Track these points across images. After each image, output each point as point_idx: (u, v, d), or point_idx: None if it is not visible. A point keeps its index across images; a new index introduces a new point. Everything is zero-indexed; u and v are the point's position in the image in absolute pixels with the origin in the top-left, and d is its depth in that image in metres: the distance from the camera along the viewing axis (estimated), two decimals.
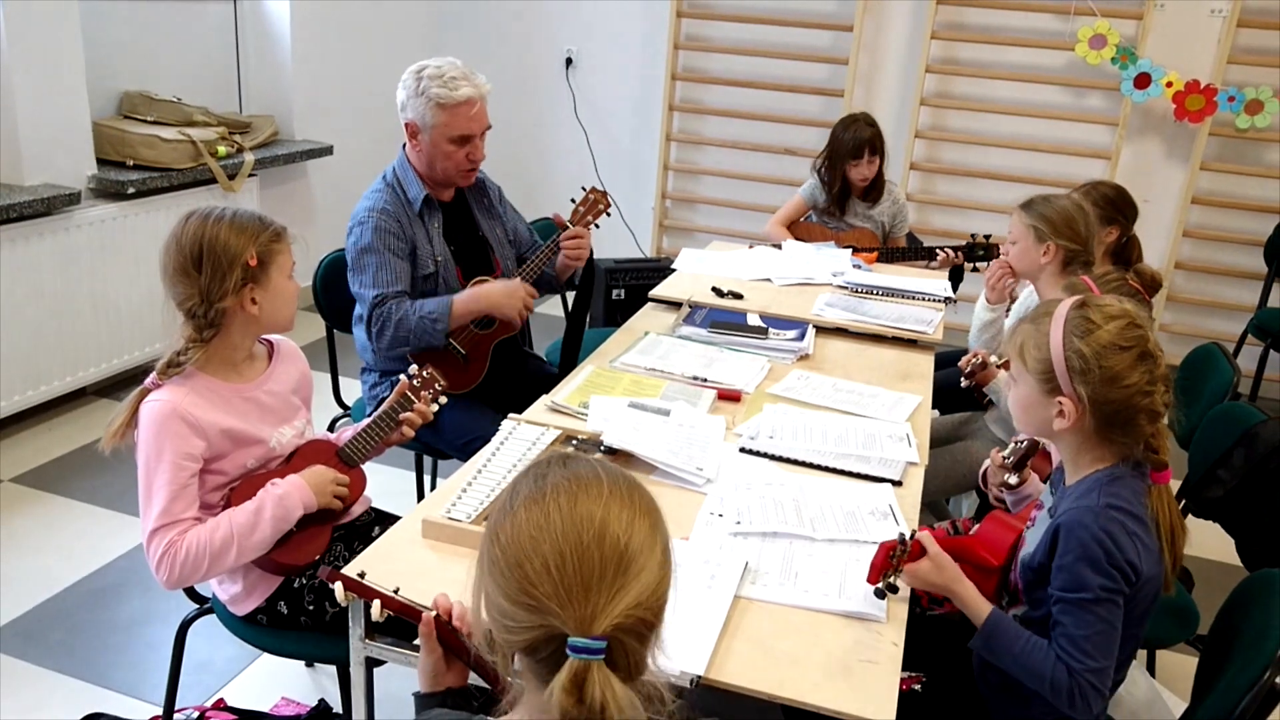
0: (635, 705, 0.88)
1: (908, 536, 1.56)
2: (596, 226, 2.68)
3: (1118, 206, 2.77)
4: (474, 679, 1.26)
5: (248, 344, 1.85)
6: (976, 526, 1.79)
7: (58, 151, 3.50)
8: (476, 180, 2.61)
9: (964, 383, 2.48)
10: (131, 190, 3.64)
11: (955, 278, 3.45)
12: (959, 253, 3.43)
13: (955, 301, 3.17)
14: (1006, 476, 1.91)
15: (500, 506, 0.96)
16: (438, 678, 1.24)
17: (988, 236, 3.44)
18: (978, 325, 2.78)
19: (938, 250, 3.46)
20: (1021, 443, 1.88)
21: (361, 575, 1.36)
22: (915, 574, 1.56)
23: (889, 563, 1.52)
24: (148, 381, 1.75)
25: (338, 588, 1.35)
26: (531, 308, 2.52)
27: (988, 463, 1.99)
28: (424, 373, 2.01)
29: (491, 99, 2.48)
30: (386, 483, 3.20)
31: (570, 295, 2.90)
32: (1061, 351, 1.51)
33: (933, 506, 2.75)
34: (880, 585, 1.53)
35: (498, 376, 2.59)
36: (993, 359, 2.48)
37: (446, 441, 2.51)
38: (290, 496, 1.79)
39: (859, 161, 3.51)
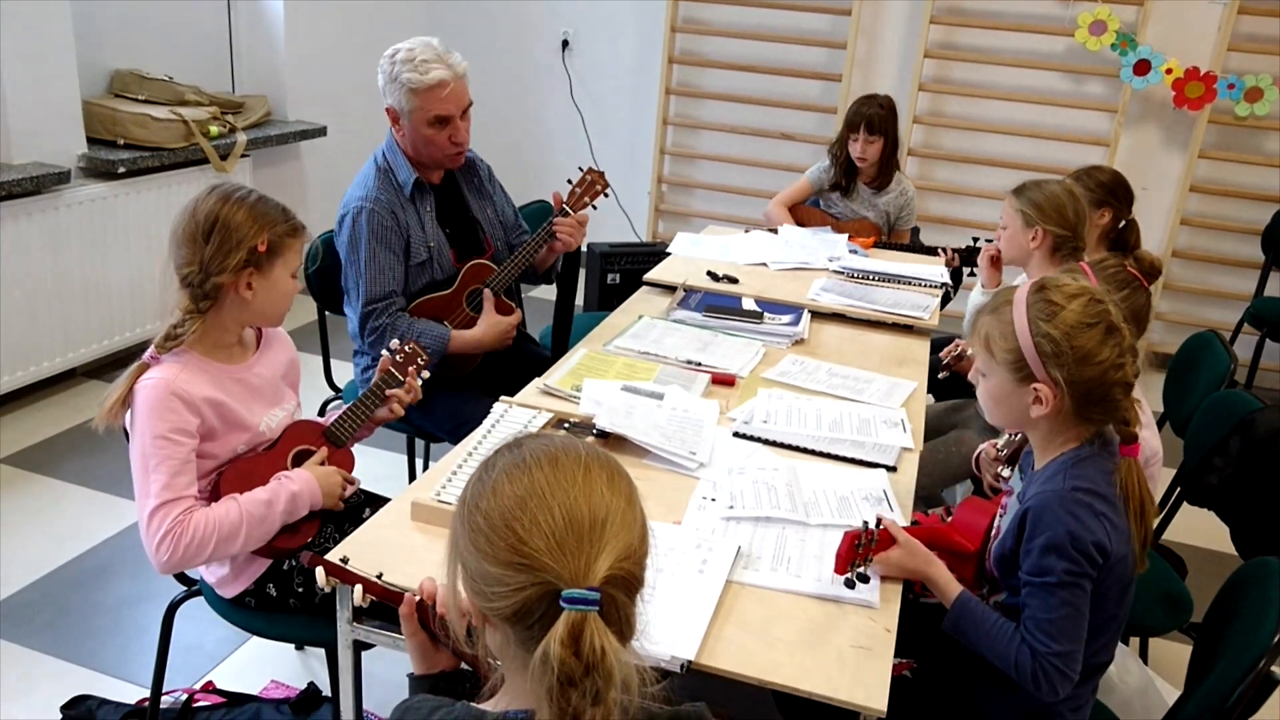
0: (628, 662, 0.88)
1: (872, 524, 1.55)
2: (594, 208, 2.66)
3: (1112, 190, 2.75)
4: None
5: (236, 328, 1.84)
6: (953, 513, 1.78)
7: (47, 130, 3.46)
8: (466, 159, 2.58)
9: (941, 374, 2.47)
10: (122, 170, 3.61)
11: (954, 279, 3.42)
12: (956, 255, 3.40)
13: (954, 291, 3.15)
14: (1000, 469, 1.90)
15: (474, 484, 0.98)
16: (428, 660, 1.24)
17: (990, 240, 3.41)
18: (971, 310, 2.78)
19: (939, 250, 3.43)
20: (1016, 435, 1.86)
21: (344, 560, 1.35)
22: (887, 562, 1.56)
23: (855, 552, 1.52)
24: (146, 355, 1.74)
25: (319, 572, 1.34)
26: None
27: (984, 447, 1.97)
28: (406, 347, 2.00)
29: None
30: (377, 465, 3.19)
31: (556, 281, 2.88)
32: (1030, 338, 1.49)
33: (924, 494, 2.74)
34: (849, 575, 1.53)
35: (491, 359, 2.57)
36: (970, 350, 2.47)
37: (438, 424, 2.50)
38: (302, 496, 1.80)
39: (855, 136, 3.49)
